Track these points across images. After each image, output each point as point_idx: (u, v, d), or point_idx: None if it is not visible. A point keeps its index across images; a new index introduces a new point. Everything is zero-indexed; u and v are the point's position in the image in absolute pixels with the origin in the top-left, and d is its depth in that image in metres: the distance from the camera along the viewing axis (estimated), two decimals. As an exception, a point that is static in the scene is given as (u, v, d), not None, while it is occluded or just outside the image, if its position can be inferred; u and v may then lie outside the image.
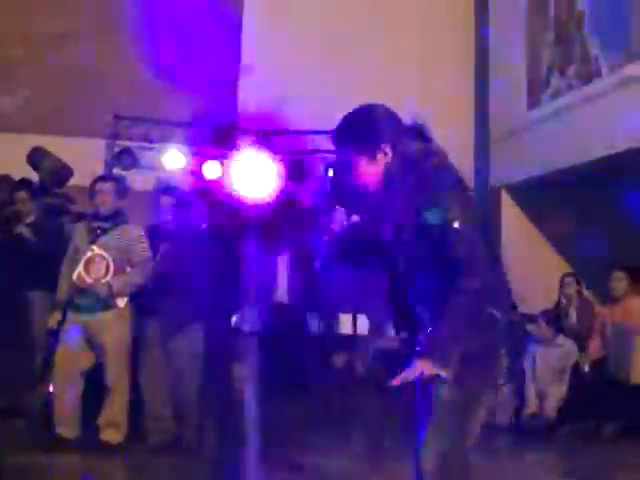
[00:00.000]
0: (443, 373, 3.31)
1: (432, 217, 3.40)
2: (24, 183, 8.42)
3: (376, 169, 3.60)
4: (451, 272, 3.33)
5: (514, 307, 3.68)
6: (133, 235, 7.16)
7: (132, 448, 7.01)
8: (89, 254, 6.91)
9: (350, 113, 3.64)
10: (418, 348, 3.37)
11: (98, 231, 7.02)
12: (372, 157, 3.58)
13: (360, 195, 3.71)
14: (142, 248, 7.17)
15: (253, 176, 10.93)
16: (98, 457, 6.82)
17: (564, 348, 8.94)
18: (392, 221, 3.60)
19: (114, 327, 7.02)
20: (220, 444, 7.29)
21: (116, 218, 7.13)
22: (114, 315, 7.02)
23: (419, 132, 3.70)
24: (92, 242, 6.96)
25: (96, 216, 7.12)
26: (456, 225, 3.37)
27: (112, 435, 6.98)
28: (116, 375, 7.03)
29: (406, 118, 3.69)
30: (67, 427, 6.89)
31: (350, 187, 3.67)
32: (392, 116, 3.67)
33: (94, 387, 7.08)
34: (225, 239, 8.01)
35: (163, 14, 11.25)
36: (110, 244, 6.99)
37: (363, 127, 3.59)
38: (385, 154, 3.56)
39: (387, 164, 3.56)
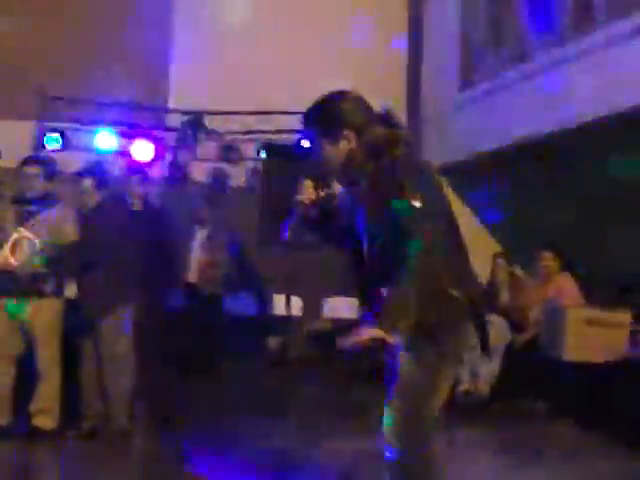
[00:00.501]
0: (388, 339, 3.45)
1: (395, 205, 3.53)
2: None
3: (339, 154, 3.74)
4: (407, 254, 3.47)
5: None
6: (62, 217, 7.04)
7: (65, 434, 6.94)
8: (15, 236, 6.77)
9: (321, 96, 3.80)
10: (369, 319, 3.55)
11: (26, 214, 6.89)
12: (335, 141, 3.72)
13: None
14: (72, 230, 7.05)
15: (185, 157, 10.91)
16: (30, 443, 6.75)
17: (495, 326, 9.00)
18: (358, 207, 3.76)
19: (44, 311, 6.92)
20: (153, 428, 7.23)
21: (45, 201, 7.00)
22: (43, 300, 6.91)
23: (386, 119, 3.82)
24: (20, 225, 6.83)
25: (24, 199, 6.98)
26: (417, 208, 3.51)
27: (44, 421, 6.89)
28: (47, 361, 6.93)
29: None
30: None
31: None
32: (361, 104, 3.80)
33: (26, 373, 6.99)
34: (155, 220, 7.92)
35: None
36: (39, 227, 6.86)
37: (329, 111, 3.74)
38: (348, 141, 3.69)
39: (350, 150, 3.70)
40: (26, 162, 7.09)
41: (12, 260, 6.74)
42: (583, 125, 8.45)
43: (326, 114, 3.75)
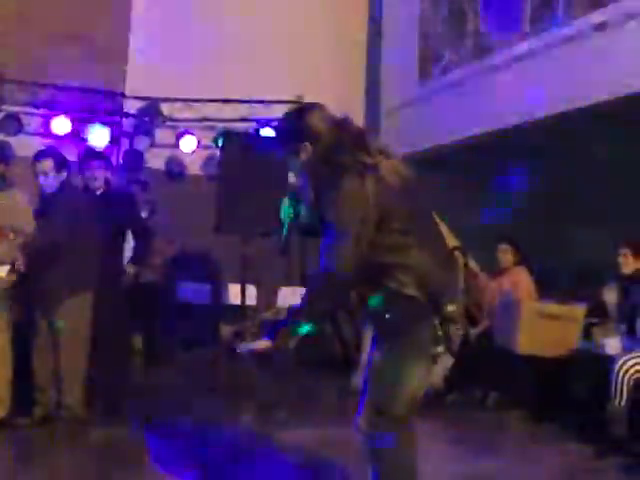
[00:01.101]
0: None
1: (326, 204, 3.98)
2: None
3: (300, 161, 4.14)
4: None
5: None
6: (17, 200, 6.96)
7: (16, 422, 6.89)
8: None
9: (285, 113, 4.28)
10: None
11: None
12: (296, 153, 4.13)
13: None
14: (26, 214, 6.97)
15: (141, 143, 10.87)
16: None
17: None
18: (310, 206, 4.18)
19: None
20: (107, 413, 7.20)
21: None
22: None
23: (343, 126, 4.15)
24: None
25: None
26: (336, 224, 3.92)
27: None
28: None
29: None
30: None
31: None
32: (321, 115, 4.16)
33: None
34: (121, 204, 7.86)
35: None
36: None
37: (290, 128, 4.17)
38: (307, 151, 4.08)
39: (307, 158, 4.09)
40: None
41: None
42: (538, 121, 8.52)
43: (287, 131, 4.20)
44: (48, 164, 6.98)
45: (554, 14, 8.61)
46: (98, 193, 7.72)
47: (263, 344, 4.00)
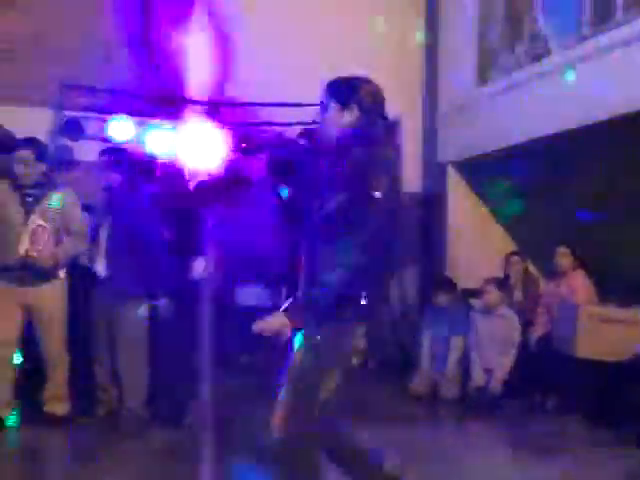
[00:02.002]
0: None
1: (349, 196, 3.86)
2: None
3: (340, 122, 4.09)
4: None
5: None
6: (67, 202, 7.05)
7: (79, 420, 6.99)
8: (32, 226, 6.78)
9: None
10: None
11: (29, 199, 6.88)
12: (342, 106, 4.09)
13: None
14: (78, 215, 7.09)
15: (201, 148, 10.91)
16: (45, 430, 6.80)
17: (507, 319, 9.03)
18: (325, 177, 4.08)
19: (55, 298, 6.95)
20: (170, 414, 7.27)
21: (45, 185, 7.02)
22: (54, 286, 6.94)
23: (384, 116, 4.20)
24: (27, 211, 6.82)
25: (23, 184, 6.93)
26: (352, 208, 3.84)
27: (56, 407, 6.94)
28: (58, 347, 6.96)
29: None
30: (5, 408, 6.82)
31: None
32: (377, 94, 4.21)
33: (33, 360, 7.04)
34: (174, 210, 7.94)
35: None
36: (47, 213, 6.87)
37: (351, 83, 4.14)
38: (352, 113, 4.04)
39: (350, 123, 4.03)
40: (17, 147, 7.04)
41: (33, 251, 6.76)
42: (600, 124, 8.46)
43: (352, 86, 4.11)
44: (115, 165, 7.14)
45: (613, 16, 8.53)
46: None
47: (278, 322, 3.89)
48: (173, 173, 9.64)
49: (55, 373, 6.96)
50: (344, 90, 4.13)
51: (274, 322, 3.91)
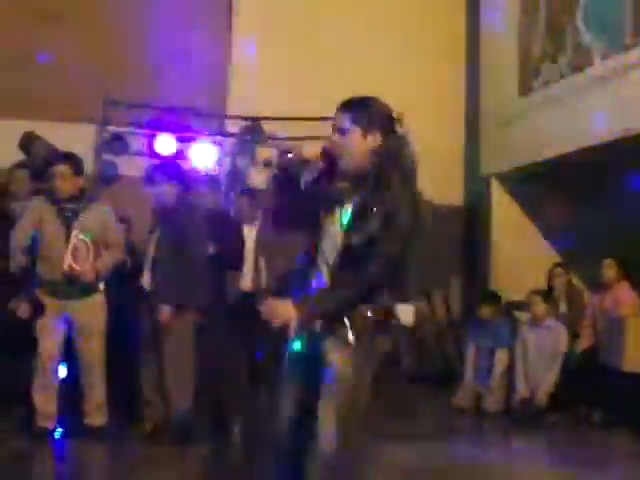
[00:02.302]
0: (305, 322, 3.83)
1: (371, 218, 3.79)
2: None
3: (362, 146, 3.92)
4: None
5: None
6: (106, 216, 7.08)
7: (127, 434, 7.01)
8: (73, 241, 6.82)
9: (360, 95, 4.00)
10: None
11: (69, 213, 6.90)
12: (365, 133, 3.91)
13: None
14: (116, 229, 7.13)
15: (243, 161, 10.96)
16: (86, 442, 6.82)
17: (554, 330, 8.97)
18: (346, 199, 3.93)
19: (94, 311, 6.97)
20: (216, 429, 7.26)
21: (82, 198, 7.03)
22: (94, 299, 6.97)
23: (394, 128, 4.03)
24: (67, 225, 6.85)
25: (60, 198, 6.89)
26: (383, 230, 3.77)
27: (95, 419, 6.94)
28: (98, 359, 6.99)
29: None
30: (49, 420, 6.85)
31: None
32: (388, 113, 4.01)
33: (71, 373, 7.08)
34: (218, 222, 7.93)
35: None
36: (87, 227, 6.90)
37: (373, 107, 3.96)
38: (375, 138, 3.89)
39: (373, 150, 3.88)
40: (54, 161, 7.05)
41: (76, 266, 6.80)
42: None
43: (370, 108, 3.95)
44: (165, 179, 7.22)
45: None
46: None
47: (286, 312, 3.79)
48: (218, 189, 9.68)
49: (94, 386, 6.97)
50: (365, 114, 3.96)
51: (283, 311, 3.81)
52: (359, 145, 3.90)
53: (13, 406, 7.12)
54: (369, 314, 3.85)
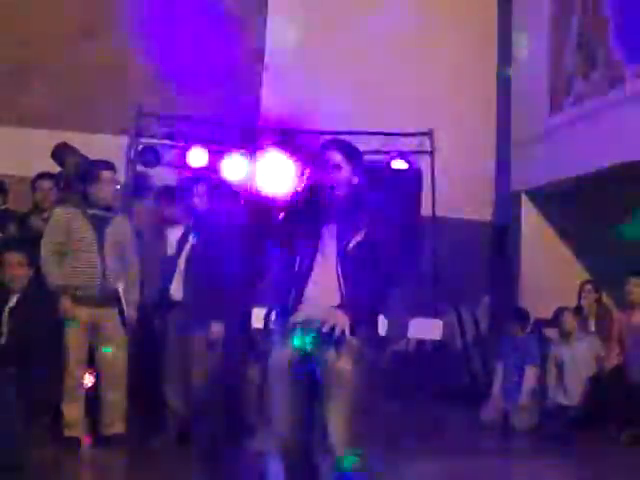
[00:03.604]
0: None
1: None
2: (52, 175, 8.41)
3: (350, 184, 4.42)
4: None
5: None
6: (127, 229, 7.15)
7: (152, 441, 7.00)
8: (107, 250, 6.83)
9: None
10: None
11: (100, 221, 6.88)
12: (353, 172, 4.42)
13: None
14: (133, 246, 7.15)
15: (277, 176, 10.87)
16: (108, 450, 6.81)
17: (586, 342, 8.93)
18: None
19: (119, 318, 6.96)
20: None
21: (112, 208, 7.10)
22: (118, 307, 6.97)
23: None
24: (100, 232, 6.82)
25: (94, 204, 6.93)
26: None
27: (116, 427, 6.92)
28: (122, 368, 6.97)
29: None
30: (76, 429, 6.84)
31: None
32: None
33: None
34: (250, 237, 7.91)
35: (187, 10, 11.26)
36: (115, 235, 6.93)
37: (354, 147, 4.54)
38: (355, 178, 4.42)
39: (355, 183, 4.41)
40: (101, 167, 7.07)
41: (110, 276, 6.84)
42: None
43: (355, 149, 4.50)
44: (202, 188, 7.23)
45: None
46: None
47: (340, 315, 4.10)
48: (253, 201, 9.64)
49: (116, 395, 6.93)
50: (356, 157, 4.47)
51: (342, 319, 4.08)
52: (347, 180, 4.38)
53: (43, 415, 7.09)
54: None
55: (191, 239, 7.18)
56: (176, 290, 7.19)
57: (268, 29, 11.96)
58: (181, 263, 7.18)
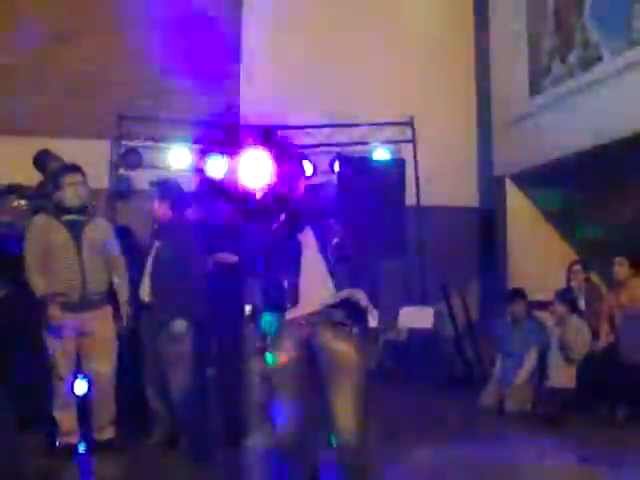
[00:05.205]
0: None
1: None
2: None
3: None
4: None
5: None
6: (106, 230, 7.00)
7: (132, 446, 6.94)
8: (85, 254, 6.73)
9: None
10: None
11: (75, 225, 6.72)
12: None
13: None
14: (117, 249, 7.03)
15: (258, 173, 10.85)
16: (99, 456, 6.74)
17: (578, 324, 8.91)
18: None
19: (107, 324, 6.88)
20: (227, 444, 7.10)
21: (87, 211, 6.94)
22: (104, 311, 6.89)
23: None
24: (75, 237, 6.68)
25: (66, 209, 6.77)
26: None
27: (106, 433, 6.86)
28: (110, 373, 6.89)
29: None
30: (71, 436, 6.79)
31: None
32: None
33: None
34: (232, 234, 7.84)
35: (164, 13, 11.19)
36: (92, 239, 6.84)
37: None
38: None
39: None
40: (66, 170, 6.94)
41: (90, 280, 6.77)
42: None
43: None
44: (166, 192, 7.15)
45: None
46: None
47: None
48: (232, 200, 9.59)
49: (104, 400, 6.86)
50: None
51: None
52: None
53: (37, 423, 7.02)
54: None
55: (156, 242, 7.09)
56: (145, 292, 7.10)
57: (244, 26, 11.90)
58: (148, 265, 7.09)
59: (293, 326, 4.52)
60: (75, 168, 6.97)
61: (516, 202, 11.58)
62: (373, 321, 9.04)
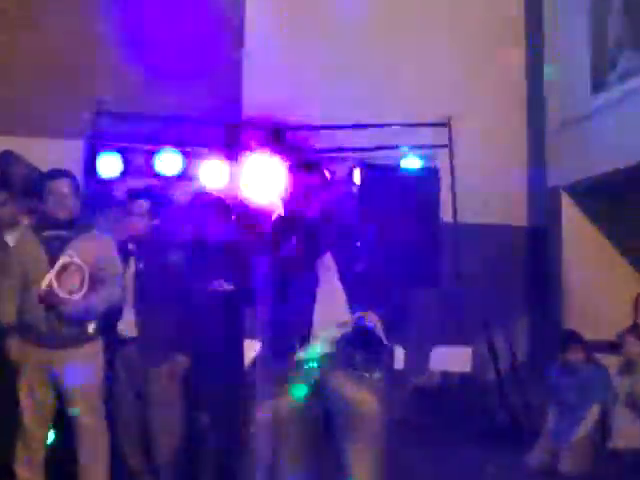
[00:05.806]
0: None
1: None
2: None
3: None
4: None
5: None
6: (103, 246, 6.70)
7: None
8: (66, 259, 6.41)
9: None
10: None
11: (56, 243, 6.42)
12: None
13: None
14: (114, 262, 6.75)
15: (264, 183, 10.64)
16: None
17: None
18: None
19: (88, 365, 6.58)
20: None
21: (77, 224, 6.71)
22: (85, 349, 6.59)
23: None
24: (52, 256, 6.38)
25: (51, 223, 6.50)
26: None
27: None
28: (93, 426, 6.62)
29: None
30: None
31: None
32: None
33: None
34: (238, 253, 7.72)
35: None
36: (81, 254, 6.56)
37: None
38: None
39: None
40: (50, 177, 6.63)
41: (59, 290, 6.42)
42: None
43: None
44: (144, 205, 7.03)
45: None
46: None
47: None
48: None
49: (90, 461, 6.60)
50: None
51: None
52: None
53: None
54: None
55: (132, 265, 6.92)
56: (126, 325, 6.90)
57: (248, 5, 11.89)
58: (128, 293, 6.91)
59: (302, 370, 4.48)
60: (61, 173, 6.73)
61: (573, 219, 11.48)
62: (399, 362, 8.95)
